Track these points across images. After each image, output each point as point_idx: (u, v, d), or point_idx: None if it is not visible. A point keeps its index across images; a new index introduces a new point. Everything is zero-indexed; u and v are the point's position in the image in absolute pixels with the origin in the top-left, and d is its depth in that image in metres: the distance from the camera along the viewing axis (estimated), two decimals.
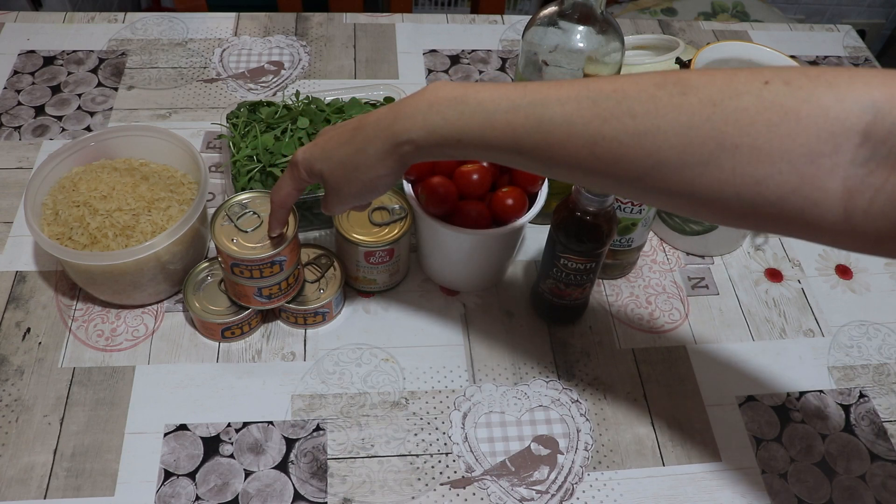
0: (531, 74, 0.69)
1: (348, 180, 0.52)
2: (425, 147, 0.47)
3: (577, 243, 0.63)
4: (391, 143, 0.49)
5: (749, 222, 0.42)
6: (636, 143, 0.40)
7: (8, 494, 0.59)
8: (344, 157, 0.52)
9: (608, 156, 0.42)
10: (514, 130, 0.44)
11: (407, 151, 0.48)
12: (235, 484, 0.61)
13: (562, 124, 0.42)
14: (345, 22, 1.04)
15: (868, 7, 2.23)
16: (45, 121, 0.88)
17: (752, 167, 0.38)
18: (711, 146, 0.39)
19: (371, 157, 0.50)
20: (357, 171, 0.51)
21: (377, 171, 0.51)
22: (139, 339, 0.69)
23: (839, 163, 0.37)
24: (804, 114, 0.37)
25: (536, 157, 0.45)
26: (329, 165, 0.53)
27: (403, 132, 0.48)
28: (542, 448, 0.65)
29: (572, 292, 0.68)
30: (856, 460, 0.66)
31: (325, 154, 0.53)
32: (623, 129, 0.41)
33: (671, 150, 0.40)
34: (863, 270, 0.81)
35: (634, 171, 0.41)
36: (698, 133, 0.39)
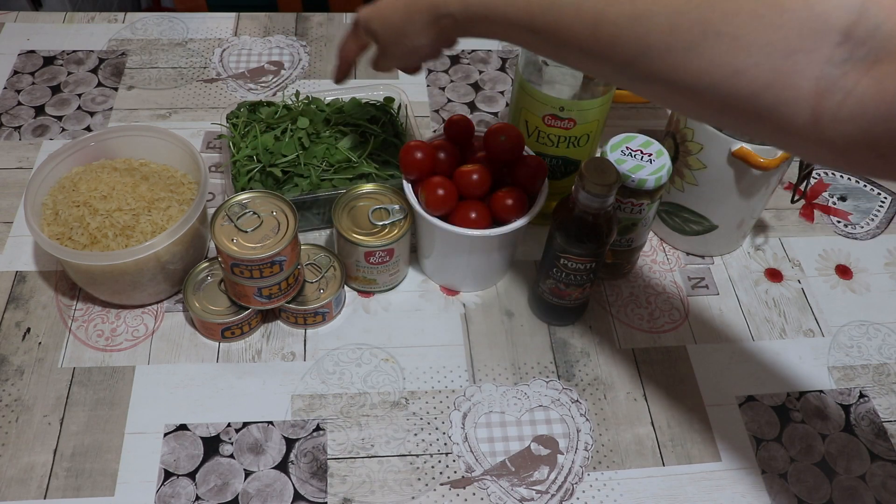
0: (531, 74, 0.69)
1: (396, 43, 0.59)
2: (461, 22, 0.53)
3: (577, 243, 0.63)
4: (433, 14, 0.54)
5: (722, 116, 0.43)
6: (630, 25, 0.42)
7: (8, 494, 0.59)
8: (396, 22, 0.58)
9: (606, 38, 0.44)
10: (530, 9, 0.48)
11: (446, 24, 0.54)
12: (235, 484, 0.61)
13: (571, 4, 0.45)
14: (345, 22, 1.04)
15: None
16: (45, 121, 0.88)
17: (731, 56, 0.39)
18: (696, 32, 0.40)
19: (417, 26, 0.56)
20: (405, 36, 0.58)
21: (420, 39, 0.57)
22: (139, 339, 0.69)
23: (814, 60, 0.37)
24: (788, 6, 0.37)
25: (548, 37, 0.48)
26: (382, 27, 0.59)
27: (444, 6, 0.53)
28: (542, 448, 0.65)
29: (572, 292, 0.68)
30: (856, 460, 0.66)
31: (381, 16, 0.59)
32: (622, 12, 0.43)
33: (659, 34, 0.41)
34: (863, 270, 0.81)
35: (627, 55, 0.43)
36: (686, 18, 0.40)
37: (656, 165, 0.67)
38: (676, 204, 0.77)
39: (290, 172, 0.74)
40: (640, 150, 0.69)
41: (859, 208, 0.88)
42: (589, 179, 0.58)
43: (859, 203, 0.88)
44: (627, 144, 0.69)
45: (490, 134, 0.69)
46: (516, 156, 0.69)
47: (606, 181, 0.58)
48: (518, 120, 0.73)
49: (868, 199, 0.89)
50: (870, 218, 0.87)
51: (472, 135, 0.72)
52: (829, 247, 0.83)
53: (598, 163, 0.59)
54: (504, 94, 0.97)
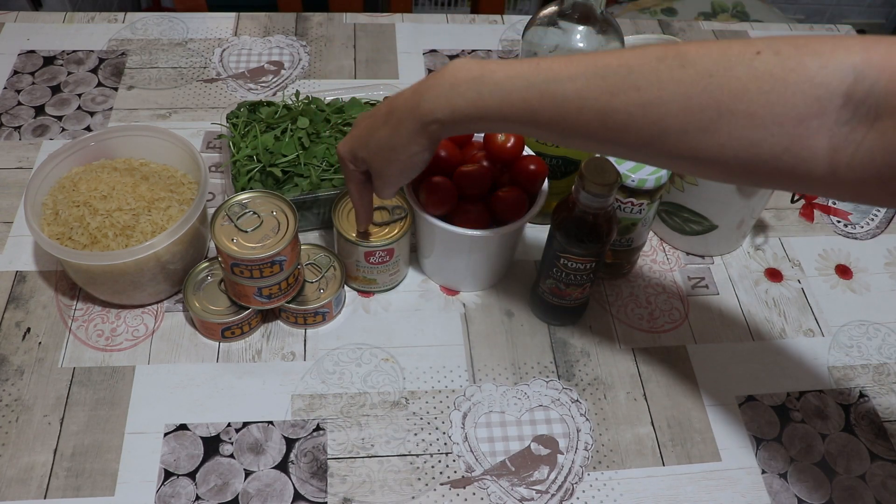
0: None
1: (388, 161, 0.56)
2: (450, 125, 0.51)
3: (577, 243, 0.63)
4: (419, 123, 0.52)
5: (747, 179, 0.46)
6: (642, 113, 0.44)
7: (8, 494, 0.59)
8: (380, 140, 0.56)
9: (618, 126, 0.45)
10: (530, 107, 0.47)
11: (435, 129, 0.52)
12: (235, 484, 0.61)
13: (574, 99, 0.46)
14: (345, 22, 1.04)
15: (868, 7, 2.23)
16: (45, 121, 0.88)
17: (748, 131, 0.42)
18: (710, 113, 0.42)
19: (404, 138, 0.54)
20: (394, 151, 0.55)
21: (412, 149, 0.54)
22: (139, 339, 0.69)
23: (825, 123, 0.40)
24: (792, 81, 0.40)
25: (552, 129, 0.48)
26: (369, 151, 0.57)
27: (429, 113, 0.51)
28: (542, 448, 0.65)
29: (572, 292, 0.68)
30: (856, 460, 0.66)
31: (364, 141, 0.57)
32: (630, 101, 0.44)
33: (674, 119, 0.43)
34: (863, 270, 0.81)
35: (642, 139, 0.45)
36: (697, 102, 0.42)
37: None
38: (676, 204, 0.77)
39: (290, 172, 0.74)
40: None
41: (859, 208, 0.88)
42: (589, 179, 0.58)
43: (859, 203, 0.88)
44: None
45: (490, 134, 0.69)
46: (516, 156, 0.69)
47: (606, 181, 0.58)
48: None
49: None
50: (870, 218, 0.87)
51: (472, 135, 0.72)
52: (829, 247, 0.83)
53: (598, 163, 0.59)
54: None
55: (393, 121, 0.54)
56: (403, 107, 0.53)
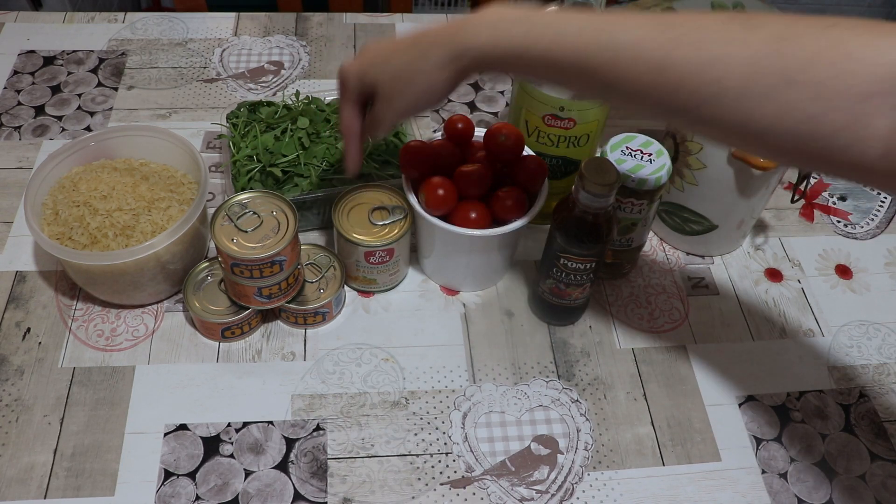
0: None
1: (404, 88, 0.53)
2: (487, 59, 0.49)
3: (577, 243, 0.63)
4: (453, 52, 0.50)
5: (792, 157, 0.44)
6: (702, 70, 0.42)
7: (8, 494, 0.59)
8: (400, 64, 0.52)
9: (672, 81, 0.43)
10: (582, 48, 0.45)
11: (467, 62, 0.50)
12: (235, 484, 0.61)
13: (631, 46, 0.44)
14: (345, 22, 1.04)
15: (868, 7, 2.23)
16: (45, 121, 0.88)
17: (808, 103, 0.40)
18: (773, 79, 0.40)
19: (430, 65, 0.51)
20: (413, 79, 0.52)
21: (433, 79, 0.51)
22: (139, 339, 0.69)
23: (887, 102, 0.39)
24: (860, 56, 0.39)
25: (600, 78, 0.46)
26: (384, 73, 0.53)
27: (467, 42, 0.49)
28: (542, 448, 0.65)
29: (572, 292, 0.68)
30: (856, 460, 0.66)
31: (379, 62, 0.53)
32: (691, 57, 0.42)
33: (735, 79, 0.41)
34: (863, 270, 0.81)
35: (694, 99, 0.43)
36: (763, 65, 0.41)
37: (656, 165, 0.67)
38: (676, 204, 0.77)
39: (290, 172, 0.74)
40: (640, 150, 0.69)
41: (859, 208, 0.88)
42: (589, 179, 0.58)
43: (859, 203, 0.88)
44: (627, 144, 0.69)
45: (490, 134, 0.69)
46: (516, 156, 0.69)
47: (606, 181, 0.58)
48: (518, 120, 0.73)
49: (868, 199, 0.89)
50: (870, 218, 0.87)
51: (472, 135, 0.72)
52: (829, 247, 0.83)
53: (598, 163, 0.59)
54: (504, 94, 0.97)
55: (421, 46, 0.51)
56: (436, 34, 0.51)
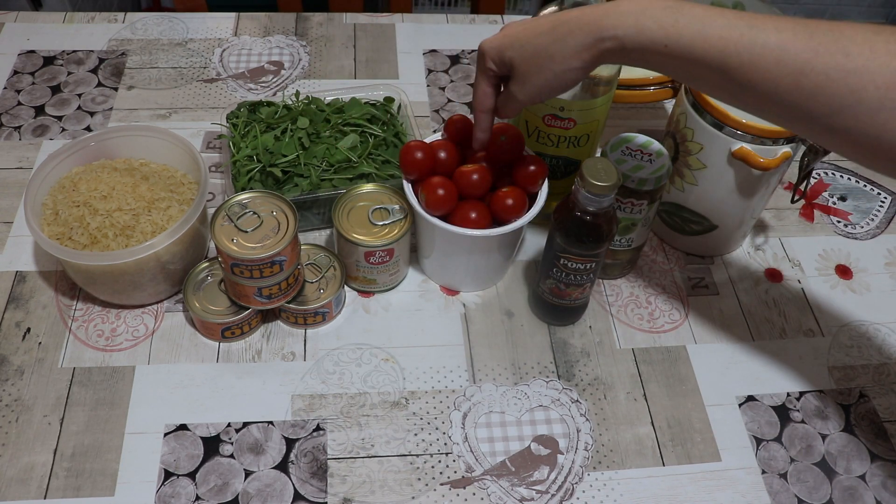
0: None
1: (539, 69, 0.53)
2: (629, 47, 0.49)
3: (577, 243, 0.63)
4: (595, 36, 0.50)
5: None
6: (843, 79, 0.43)
7: (8, 494, 0.59)
8: (539, 45, 0.52)
9: (811, 87, 0.44)
10: (725, 46, 0.46)
11: (608, 48, 0.50)
12: (235, 484, 0.61)
13: (774, 49, 0.44)
14: (345, 22, 1.04)
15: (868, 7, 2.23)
16: (45, 121, 0.87)
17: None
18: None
19: (569, 48, 0.51)
20: (551, 60, 0.52)
21: (571, 62, 0.52)
22: (139, 339, 0.69)
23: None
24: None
25: (737, 78, 0.46)
26: (522, 53, 0.54)
27: (611, 27, 0.49)
28: (542, 448, 0.65)
29: (572, 292, 0.68)
30: (856, 460, 0.66)
31: (518, 42, 0.54)
32: (834, 64, 0.43)
33: (875, 91, 0.42)
34: (863, 270, 0.81)
35: (830, 107, 0.44)
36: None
37: (656, 165, 0.67)
38: (676, 204, 0.77)
39: (290, 172, 0.74)
40: (640, 150, 0.69)
41: (859, 208, 0.88)
42: (589, 180, 0.58)
43: (859, 203, 0.88)
44: (627, 144, 0.69)
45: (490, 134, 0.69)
46: (516, 156, 0.69)
47: (606, 181, 0.58)
48: (518, 120, 0.73)
49: (868, 199, 0.89)
50: (870, 218, 0.87)
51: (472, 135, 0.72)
52: (829, 247, 0.83)
53: (598, 163, 0.59)
54: None
55: (562, 28, 0.51)
56: (579, 18, 0.51)
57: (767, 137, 0.67)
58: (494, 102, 0.60)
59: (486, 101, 0.60)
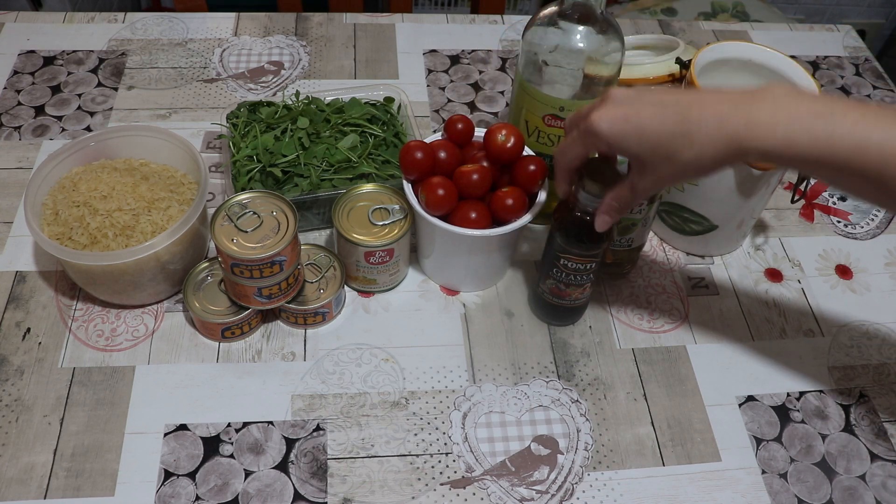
0: (531, 74, 0.69)
1: (669, 168, 0.49)
2: (775, 158, 0.45)
3: (576, 243, 0.63)
4: (735, 149, 0.45)
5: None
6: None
7: (8, 494, 0.59)
8: (670, 149, 0.48)
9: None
10: (884, 159, 0.43)
11: (750, 158, 0.46)
12: (235, 484, 0.61)
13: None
14: (345, 22, 1.04)
15: (868, 7, 2.23)
16: (45, 121, 0.88)
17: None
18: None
19: (706, 158, 0.47)
20: (684, 166, 0.48)
21: (703, 170, 0.48)
22: (139, 339, 0.69)
23: None
24: None
25: (890, 186, 0.43)
26: (645, 150, 0.49)
27: (756, 141, 0.45)
28: (542, 448, 0.65)
29: (572, 292, 0.68)
30: (856, 460, 0.66)
31: (645, 137, 0.48)
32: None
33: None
34: (863, 270, 0.81)
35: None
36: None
37: None
38: (676, 204, 0.77)
39: (290, 172, 0.74)
40: None
41: (859, 208, 0.88)
42: (588, 179, 0.58)
43: (859, 203, 0.88)
44: None
45: (490, 134, 0.69)
46: (516, 156, 0.69)
47: (606, 181, 0.58)
48: (518, 120, 0.73)
49: None
50: (870, 218, 0.87)
51: (472, 135, 0.72)
52: (829, 247, 0.83)
53: (598, 163, 0.59)
54: (504, 94, 0.97)
55: (697, 135, 0.46)
56: (717, 124, 0.46)
57: None
58: (578, 165, 0.57)
59: (574, 164, 0.57)
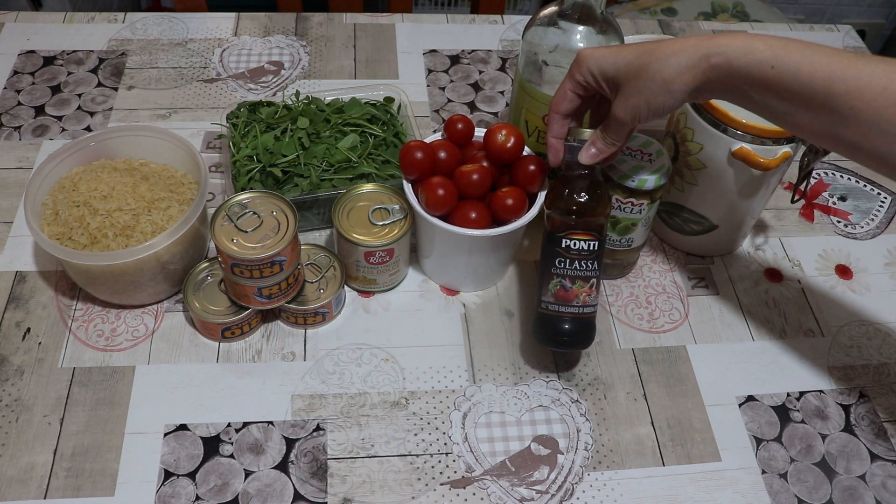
0: (531, 74, 0.69)
1: (639, 89, 0.54)
2: (735, 65, 0.50)
3: (574, 215, 0.62)
4: (701, 53, 0.51)
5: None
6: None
7: (8, 494, 0.59)
8: (642, 63, 0.53)
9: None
10: (832, 72, 0.46)
11: (715, 63, 0.50)
12: (235, 484, 0.61)
13: (882, 77, 0.45)
14: (345, 22, 1.04)
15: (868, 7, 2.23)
16: (45, 121, 0.88)
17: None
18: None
19: (671, 67, 0.52)
20: (652, 80, 0.53)
21: (673, 84, 0.52)
22: (139, 339, 0.69)
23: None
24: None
25: (841, 106, 0.47)
26: (624, 70, 0.54)
27: (719, 46, 0.50)
28: (542, 448, 0.65)
29: (579, 291, 0.63)
30: (856, 460, 0.66)
31: (621, 58, 0.54)
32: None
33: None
34: (863, 270, 0.81)
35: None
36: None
37: (656, 165, 0.67)
38: (676, 204, 0.77)
39: (290, 172, 0.74)
40: (640, 150, 0.69)
41: (859, 208, 0.88)
42: (576, 130, 0.61)
43: (859, 203, 0.88)
44: (627, 144, 0.69)
45: (490, 134, 0.69)
46: (516, 156, 0.69)
47: (586, 129, 0.61)
48: (518, 120, 0.73)
49: (868, 199, 0.89)
50: (870, 218, 0.87)
51: (472, 135, 0.72)
52: (829, 247, 0.83)
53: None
54: (504, 94, 0.97)
55: (665, 49, 0.52)
56: (684, 40, 0.52)
57: (767, 137, 0.67)
58: (573, 110, 0.60)
59: (563, 102, 0.59)
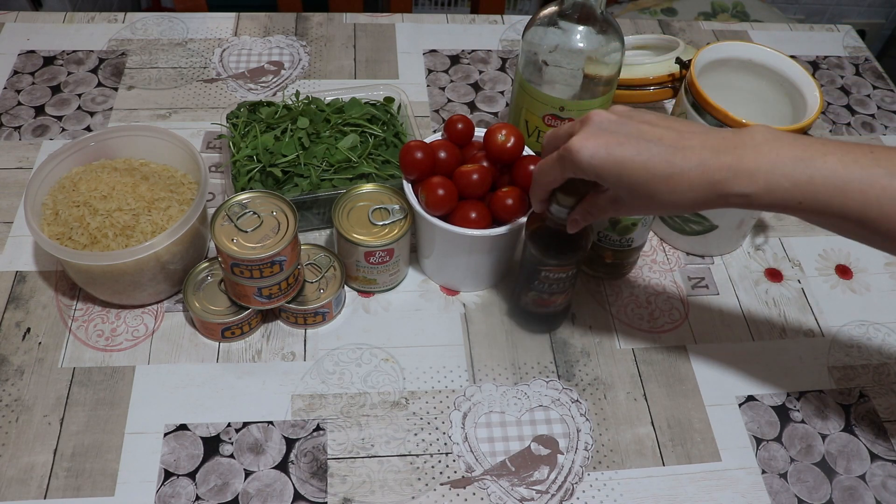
0: (531, 74, 0.69)
1: (647, 207, 0.50)
2: (757, 204, 0.46)
3: (554, 255, 0.62)
4: (716, 194, 0.46)
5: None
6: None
7: (8, 494, 0.59)
8: (652, 189, 0.48)
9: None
10: (865, 200, 0.44)
11: (734, 203, 0.47)
12: (235, 484, 0.61)
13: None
14: (345, 22, 1.04)
15: (868, 7, 2.23)
16: (45, 121, 0.88)
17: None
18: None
19: (687, 200, 0.48)
20: (662, 207, 0.49)
21: (681, 208, 0.49)
22: (139, 339, 0.69)
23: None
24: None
25: (878, 228, 0.45)
26: (625, 187, 0.49)
27: (737, 188, 0.46)
28: (542, 448, 0.65)
29: (557, 298, 0.68)
30: (856, 460, 0.66)
31: (627, 175, 0.48)
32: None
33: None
34: (863, 270, 0.81)
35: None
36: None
37: None
38: None
39: (290, 172, 0.74)
40: None
41: None
42: (562, 193, 0.57)
43: None
44: None
45: (490, 134, 0.69)
46: (516, 156, 0.69)
47: (580, 193, 0.56)
48: (518, 120, 0.73)
49: None
50: None
51: (472, 135, 0.72)
52: (829, 247, 0.83)
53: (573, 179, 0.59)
54: (504, 94, 0.97)
55: (679, 180, 0.47)
56: (701, 172, 0.46)
57: None
58: (555, 187, 0.56)
59: (552, 186, 0.55)
